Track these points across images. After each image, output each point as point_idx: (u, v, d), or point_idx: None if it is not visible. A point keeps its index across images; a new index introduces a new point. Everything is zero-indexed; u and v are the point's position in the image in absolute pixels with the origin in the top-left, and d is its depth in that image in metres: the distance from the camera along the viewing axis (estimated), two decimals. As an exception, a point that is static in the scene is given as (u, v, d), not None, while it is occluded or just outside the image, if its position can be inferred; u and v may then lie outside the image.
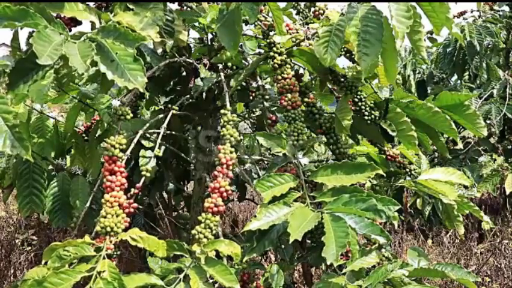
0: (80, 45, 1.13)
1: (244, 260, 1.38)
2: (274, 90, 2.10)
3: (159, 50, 1.63)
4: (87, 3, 1.32)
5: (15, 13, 1.10)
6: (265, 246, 1.39)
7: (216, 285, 1.31)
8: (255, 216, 1.32)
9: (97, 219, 1.32)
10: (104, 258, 1.20)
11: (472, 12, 4.71)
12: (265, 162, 2.19)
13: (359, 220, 1.29)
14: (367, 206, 1.29)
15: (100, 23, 1.26)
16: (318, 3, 1.83)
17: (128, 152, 1.46)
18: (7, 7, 1.09)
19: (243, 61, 1.79)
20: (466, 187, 2.68)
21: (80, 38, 1.17)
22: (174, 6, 1.81)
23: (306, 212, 1.31)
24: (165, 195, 2.39)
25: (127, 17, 1.28)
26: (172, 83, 2.08)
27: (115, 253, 1.29)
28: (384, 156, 1.81)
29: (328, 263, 1.17)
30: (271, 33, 1.70)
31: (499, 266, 3.15)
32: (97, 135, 2.10)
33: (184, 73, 2.03)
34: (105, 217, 1.28)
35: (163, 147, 1.82)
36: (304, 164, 1.50)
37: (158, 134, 1.63)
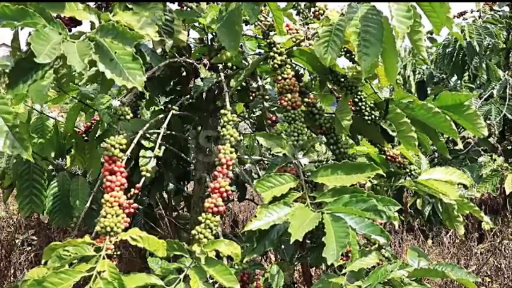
0: (78, 44, 1.13)
1: (244, 261, 1.38)
2: (274, 90, 2.10)
3: (159, 50, 1.63)
4: (87, 3, 1.32)
5: (14, 13, 1.10)
6: (265, 246, 1.38)
7: (216, 285, 1.32)
8: (255, 216, 1.32)
9: (97, 219, 1.32)
10: (104, 258, 1.20)
11: (471, 12, 4.71)
12: (265, 162, 2.19)
13: (359, 220, 1.29)
14: (367, 206, 1.29)
15: (100, 22, 1.26)
16: (318, 4, 1.83)
17: (128, 152, 1.46)
18: (6, 6, 1.09)
19: (243, 61, 1.79)
20: (466, 187, 2.68)
21: (79, 37, 1.17)
22: (174, 6, 1.81)
23: (306, 212, 1.31)
24: (165, 195, 2.39)
25: (126, 17, 1.28)
26: (172, 83, 2.08)
27: (115, 253, 1.29)
28: (384, 157, 1.80)
29: (328, 263, 1.17)
30: (271, 33, 1.70)
31: (499, 266, 3.15)
32: (97, 135, 2.10)
33: (184, 73, 2.03)
34: (105, 217, 1.28)
35: (163, 148, 1.82)
36: (305, 164, 1.50)
37: (158, 134, 1.63)
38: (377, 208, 1.28)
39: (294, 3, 1.87)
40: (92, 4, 1.54)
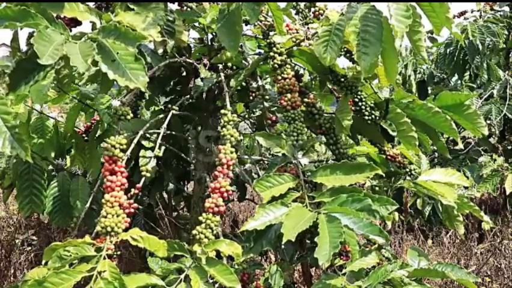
0: (81, 45, 1.13)
1: (243, 260, 1.38)
2: (274, 90, 2.10)
3: (160, 50, 1.64)
4: (87, 3, 1.32)
5: (16, 13, 1.10)
6: (262, 246, 1.38)
7: (217, 285, 1.32)
8: (253, 216, 1.32)
9: (97, 219, 1.32)
10: (104, 258, 1.20)
11: (472, 12, 4.71)
12: (265, 162, 2.19)
13: (357, 220, 1.29)
14: (362, 206, 1.29)
15: (101, 23, 1.27)
16: (318, 4, 1.83)
17: (128, 152, 1.46)
18: (8, 7, 1.09)
19: (243, 61, 1.80)
20: (466, 187, 2.68)
21: (81, 38, 1.17)
22: (174, 6, 1.81)
23: (302, 212, 1.31)
24: (165, 195, 2.40)
25: (127, 17, 1.28)
26: (172, 83, 2.08)
27: (115, 253, 1.29)
28: (384, 156, 1.81)
29: (320, 263, 1.15)
30: (271, 33, 1.70)
31: (499, 266, 3.15)
32: (97, 135, 2.11)
33: (184, 73, 2.03)
34: (105, 217, 1.28)
35: (163, 148, 1.82)
36: (304, 164, 1.50)
37: (158, 134, 1.63)
38: (371, 208, 1.28)
39: (294, 3, 1.87)
40: (92, 4, 1.54)
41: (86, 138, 2.20)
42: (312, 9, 1.85)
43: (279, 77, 1.59)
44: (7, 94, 1.12)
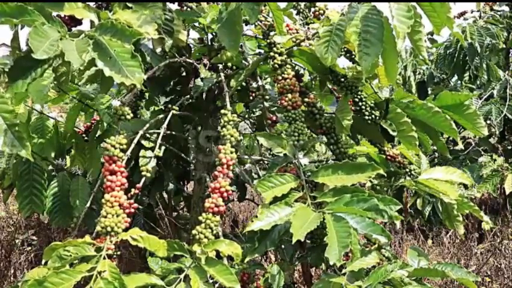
0: (77, 42, 1.13)
1: (246, 261, 1.38)
2: (274, 90, 2.10)
3: (159, 50, 1.63)
4: (88, 3, 1.32)
5: (13, 10, 1.10)
6: (266, 246, 1.38)
7: (216, 285, 1.31)
8: (256, 216, 1.32)
9: (97, 219, 1.32)
10: (104, 258, 1.20)
11: (472, 12, 4.71)
12: (265, 162, 2.19)
13: (360, 220, 1.29)
14: (369, 206, 1.29)
15: (99, 21, 1.26)
16: (318, 4, 1.83)
17: (128, 152, 1.46)
18: (5, 4, 1.09)
19: (243, 61, 1.79)
20: (466, 187, 2.68)
21: (78, 36, 1.17)
22: (174, 6, 1.81)
23: (308, 212, 1.31)
24: (165, 195, 2.39)
25: (125, 15, 1.28)
26: (172, 83, 2.08)
27: (116, 253, 1.29)
28: (384, 156, 1.80)
29: (331, 263, 1.16)
30: (271, 33, 1.70)
31: (499, 266, 3.15)
32: (97, 135, 2.10)
33: (184, 73, 2.03)
34: (105, 217, 1.28)
35: (163, 148, 1.82)
36: (305, 164, 1.50)
37: (158, 134, 1.63)
38: (379, 207, 1.28)
39: (294, 3, 1.87)
40: (92, 4, 1.54)
41: (86, 138, 2.20)
42: (313, 9, 1.85)
43: (280, 77, 1.59)
44: (6, 91, 1.12)
